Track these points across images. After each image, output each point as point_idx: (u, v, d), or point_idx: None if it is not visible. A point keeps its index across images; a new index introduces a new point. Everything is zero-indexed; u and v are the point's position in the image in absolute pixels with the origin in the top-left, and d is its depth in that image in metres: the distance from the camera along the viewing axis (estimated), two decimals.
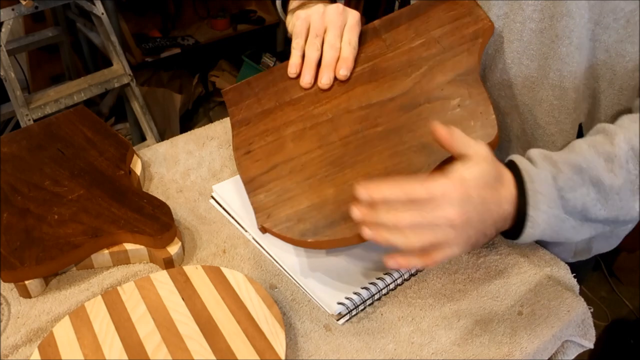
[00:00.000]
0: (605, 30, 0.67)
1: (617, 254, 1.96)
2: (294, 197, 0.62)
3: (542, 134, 0.76)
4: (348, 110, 0.67)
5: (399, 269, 0.71)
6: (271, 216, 0.62)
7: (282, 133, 0.69)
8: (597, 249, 0.87)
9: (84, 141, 0.86)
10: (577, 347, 0.72)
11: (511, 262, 0.75)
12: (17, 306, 0.69)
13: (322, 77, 0.71)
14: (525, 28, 0.70)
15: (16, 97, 1.68)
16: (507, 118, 0.78)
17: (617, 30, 0.66)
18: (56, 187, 0.77)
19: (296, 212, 0.61)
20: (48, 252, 0.69)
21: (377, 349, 0.64)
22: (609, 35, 0.67)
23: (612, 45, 0.67)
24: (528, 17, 0.70)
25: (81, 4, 1.81)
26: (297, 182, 0.63)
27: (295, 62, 0.73)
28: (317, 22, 0.72)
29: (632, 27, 0.65)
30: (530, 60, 0.72)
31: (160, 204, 0.76)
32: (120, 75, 1.91)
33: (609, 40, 0.67)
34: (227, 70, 2.58)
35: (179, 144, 0.95)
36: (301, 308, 0.69)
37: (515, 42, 0.72)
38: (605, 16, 0.66)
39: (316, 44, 0.72)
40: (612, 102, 0.72)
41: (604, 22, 0.66)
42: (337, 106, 0.68)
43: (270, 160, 0.67)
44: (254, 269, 0.73)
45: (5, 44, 1.61)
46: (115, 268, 0.73)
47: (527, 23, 0.70)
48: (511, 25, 0.72)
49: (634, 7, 0.64)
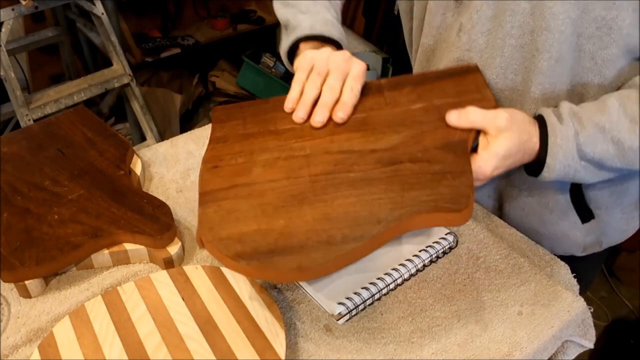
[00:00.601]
0: (589, 40, 0.68)
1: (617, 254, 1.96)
2: (242, 219, 0.60)
3: None
4: (327, 152, 0.66)
5: (403, 267, 0.71)
6: (212, 231, 0.60)
7: (254, 157, 0.68)
8: (608, 242, 0.88)
9: (84, 141, 0.86)
10: (577, 347, 0.72)
11: (511, 262, 0.75)
12: (17, 306, 0.69)
13: (316, 114, 0.70)
14: (505, 44, 0.72)
15: (16, 97, 1.68)
16: None
17: (600, 38, 0.67)
18: (56, 187, 0.77)
19: (239, 233, 0.59)
20: (48, 252, 0.69)
21: (377, 349, 0.64)
22: (593, 43, 0.68)
23: (597, 52, 0.69)
24: (507, 34, 0.71)
25: (81, 4, 1.81)
26: (252, 205, 0.61)
27: (293, 97, 0.72)
28: (321, 62, 0.72)
29: (615, 32, 0.66)
30: (515, 74, 0.74)
31: (160, 204, 0.76)
32: (120, 75, 1.91)
33: (593, 48, 0.68)
34: (227, 70, 2.58)
35: (179, 144, 0.95)
36: (301, 308, 0.69)
37: (498, 57, 0.74)
38: (587, 27, 0.67)
39: (316, 82, 0.71)
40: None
41: (586, 32, 0.67)
42: (317, 145, 0.67)
43: (233, 179, 0.65)
44: None
45: (5, 44, 1.61)
46: (115, 268, 0.73)
47: (507, 39, 0.72)
48: (493, 41, 0.73)
49: (614, 14, 0.65)
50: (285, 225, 0.58)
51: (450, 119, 0.66)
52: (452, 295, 0.70)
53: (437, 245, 0.75)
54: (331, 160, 0.65)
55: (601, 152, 0.65)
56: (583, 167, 0.67)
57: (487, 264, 0.74)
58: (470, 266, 0.74)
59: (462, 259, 0.75)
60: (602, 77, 0.70)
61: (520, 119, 0.65)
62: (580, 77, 0.71)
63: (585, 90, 0.72)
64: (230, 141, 0.70)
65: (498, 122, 0.64)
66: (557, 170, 0.66)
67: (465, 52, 0.77)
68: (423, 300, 0.70)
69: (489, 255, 0.75)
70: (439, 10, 0.78)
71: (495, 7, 0.71)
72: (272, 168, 0.65)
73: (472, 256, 0.75)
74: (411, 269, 0.72)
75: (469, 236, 0.78)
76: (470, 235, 0.78)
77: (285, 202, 0.61)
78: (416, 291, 0.71)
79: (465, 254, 0.76)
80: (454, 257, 0.75)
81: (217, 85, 2.53)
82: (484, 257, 0.75)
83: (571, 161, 0.66)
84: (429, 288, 0.71)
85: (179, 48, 2.40)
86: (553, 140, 0.65)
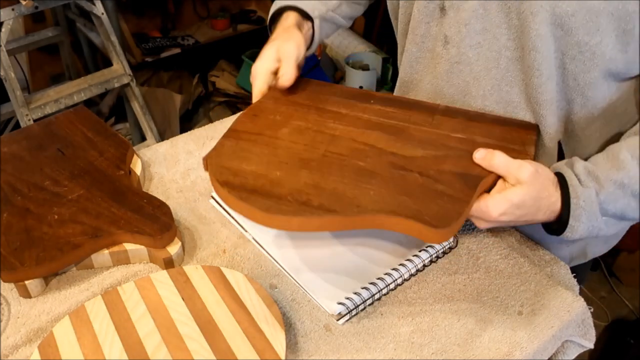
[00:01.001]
0: (572, 61, 0.68)
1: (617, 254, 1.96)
2: (248, 159, 0.66)
3: None
4: (353, 139, 0.71)
5: (403, 267, 0.71)
6: (219, 158, 0.67)
7: (290, 121, 0.74)
8: (594, 252, 0.88)
9: (84, 141, 0.86)
10: (577, 347, 0.72)
11: (511, 262, 0.75)
12: (17, 306, 0.69)
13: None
14: (501, 56, 0.72)
15: (16, 97, 1.68)
16: None
17: (583, 62, 0.67)
18: (56, 187, 0.77)
19: (238, 168, 0.65)
20: (48, 252, 0.69)
21: (377, 349, 0.64)
22: (576, 65, 0.68)
23: (579, 74, 0.68)
24: (503, 46, 0.71)
25: (81, 4, 1.81)
26: (263, 152, 0.68)
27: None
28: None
29: (598, 58, 0.66)
30: (510, 86, 0.74)
31: (160, 204, 0.76)
32: (120, 75, 1.91)
33: (576, 69, 0.68)
34: (227, 70, 2.58)
35: (179, 144, 0.95)
36: (301, 308, 0.69)
37: (493, 70, 0.73)
38: (570, 48, 0.67)
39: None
40: (586, 119, 0.73)
41: (570, 53, 0.67)
42: (348, 132, 0.72)
43: (262, 129, 0.72)
44: (254, 269, 0.73)
45: (5, 44, 1.61)
46: (115, 268, 0.73)
47: (503, 52, 0.72)
48: (487, 54, 0.73)
49: (597, 39, 0.65)
50: (278, 177, 0.64)
51: (476, 156, 0.66)
52: (452, 295, 0.70)
53: (437, 245, 0.75)
54: (352, 147, 0.69)
55: (622, 207, 0.65)
56: (605, 222, 0.66)
57: (487, 264, 0.74)
58: (470, 266, 0.74)
59: (462, 259, 0.75)
60: (585, 97, 0.70)
61: (544, 176, 0.64)
62: (565, 94, 0.71)
63: (570, 107, 0.72)
64: (280, 102, 0.78)
65: (521, 174, 0.62)
66: (580, 231, 0.65)
67: (454, 65, 0.76)
68: (423, 300, 0.70)
69: (489, 255, 0.75)
70: (423, 18, 0.78)
71: (484, 21, 0.71)
72: (299, 133, 0.72)
73: (472, 256, 0.75)
74: (411, 269, 0.72)
75: (469, 236, 0.78)
76: (470, 235, 0.78)
77: (290, 161, 0.67)
78: (416, 291, 0.71)
79: (465, 254, 0.76)
80: (454, 257, 0.75)
81: (217, 85, 2.53)
82: (484, 257, 0.75)
83: (595, 222, 0.65)
84: (429, 288, 0.71)
85: (179, 48, 2.40)
86: (576, 202, 0.64)
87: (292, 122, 0.73)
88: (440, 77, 0.79)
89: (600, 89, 0.69)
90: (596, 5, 0.62)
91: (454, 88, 0.79)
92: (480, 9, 0.71)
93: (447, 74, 0.78)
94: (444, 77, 0.79)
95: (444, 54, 0.77)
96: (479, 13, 0.71)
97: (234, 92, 2.51)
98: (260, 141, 0.70)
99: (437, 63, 0.79)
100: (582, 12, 0.63)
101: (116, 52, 1.89)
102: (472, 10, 0.71)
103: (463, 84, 0.77)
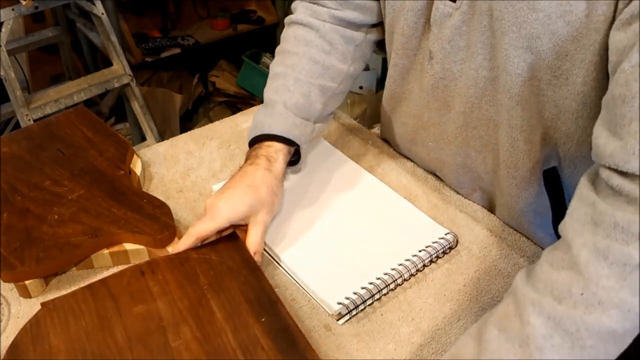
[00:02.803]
0: (548, 86, 0.65)
1: None
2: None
3: (514, 170, 0.75)
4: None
5: (403, 267, 0.71)
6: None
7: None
8: None
9: (84, 141, 0.86)
10: None
11: (511, 262, 0.75)
12: (17, 306, 0.69)
13: None
14: (478, 75, 0.71)
15: (16, 97, 1.68)
16: (480, 154, 0.79)
17: (559, 87, 0.64)
18: (56, 187, 0.77)
19: None
20: (48, 252, 0.69)
21: (377, 349, 0.64)
22: (554, 90, 0.65)
23: (559, 100, 0.66)
24: (480, 65, 0.70)
25: (81, 4, 1.81)
26: None
27: None
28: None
29: (572, 85, 0.63)
30: (489, 104, 0.73)
31: (160, 204, 0.76)
32: (120, 75, 1.91)
33: (555, 95, 0.66)
34: (227, 70, 2.58)
35: (179, 144, 0.95)
36: (301, 308, 0.69)
37: (472, 88, 0.73)
38: (544, 72, 0.64)
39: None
40: (572, 154, 0.71)
41: (544, 78, 0.65)
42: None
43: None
44: None
45: (5, 44, 1.61)
46: (115, 268, 0.73)
47: (480, 71, 0.71)
48: (468, 71, 0.72)
49: (568, 65, 0.62)
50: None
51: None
52: (452, 295, 0.70)
53: (437, 245, 0.75)
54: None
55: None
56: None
57: (487, 264, 0.74)
58: (470, 266, 0.74)
59: (462, 259, 0.75)
60: (568, 125, 0.68)
61: None
62: (549, 121, 0.68)
63: (555, 137, 0.70)
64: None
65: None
66: None
67: (439, 80, 0.76)
68: (423, 300, 0.70)
69: (489, 255, 0.75)
70: (407, 31, 0.77)
71: (467, 38, 0.70)
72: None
73: (472, 256, 0.75)
74: (411, 269, 0.72)
75: (469, 236, 0.78)
76: (470, 235, 0.78)
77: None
78: (416, 291, 0.71)
79: (465, 254, 0.76)
80: (454, 257, 0.75)
81: (217, 85, 2.53)
82: (484, 257, 0.75)
83: None
84: (429, 288, 0.71)
85: (179, 48, 2.40)
86: None
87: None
88: (427, 90, 0.79)
89: (579, 123, 0.66)
90: (559, 30, 0.60)
91: (439, 102, 0.79)
92: (463, 26, 0.70)
93: (432, 88, 0.78)
94: (429, 91, 0.79)
95: (429, 68, 0.76)
96: (462, 30, 0.70)
97: (234, 92, 2.51)
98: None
99: (424, 77, 0.79)
100: (546, 35, 0.61)
101: (116, 52, 1.89)
102: (456, 27, 0.70)
103: (448, 98, 0.77)
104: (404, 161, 0.92)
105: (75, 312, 0.62)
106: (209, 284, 0.65)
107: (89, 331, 0.60)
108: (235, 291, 0.64)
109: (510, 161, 0.74)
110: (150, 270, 0.66)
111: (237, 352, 0.58)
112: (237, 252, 0.69)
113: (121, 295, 0.64)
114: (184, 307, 0.62)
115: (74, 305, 0.63)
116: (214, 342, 0.59)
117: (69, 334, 0.60)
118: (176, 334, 0.60)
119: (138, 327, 0.60)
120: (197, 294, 0.64)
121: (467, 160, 0.81)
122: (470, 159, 0.81)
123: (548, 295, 0.52)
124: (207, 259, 0.68)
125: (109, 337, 0.60)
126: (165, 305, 0.62)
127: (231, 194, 0.72)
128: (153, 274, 0.66)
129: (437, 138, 0.83)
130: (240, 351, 0.58)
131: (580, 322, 0.49)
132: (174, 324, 0.61)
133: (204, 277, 0.65)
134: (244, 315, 0.61)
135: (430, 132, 0.83)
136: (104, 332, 0.60)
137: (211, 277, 0.66)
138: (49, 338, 0.60)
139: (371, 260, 0.73)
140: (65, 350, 0.58)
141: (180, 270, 0.66)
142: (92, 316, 0.62)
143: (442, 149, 0.83)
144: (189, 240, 0.69)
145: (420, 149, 0.88)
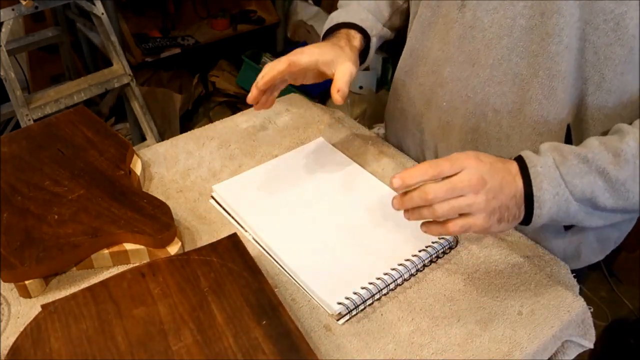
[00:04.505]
0: (594, 31, 0.66)
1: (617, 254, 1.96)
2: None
3: (531, 133, 0.76)
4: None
5: (403, 267, 0.71)
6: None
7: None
8: (588, 257, 0.86)
9: (84, 141, 0.86)
10: (577, 347, 0.72)
11: (511, 262, 0.75)
12: (17, 306, 0.69)
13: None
14: (515, 24, 0.70)
15: (16, 97, 1.68)
16: (497, 115, 0.78)
17: (606, 33, 0.65)
18: (56, 187, 0.77)
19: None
20: (48, 252, 0.69)
21: (377, 349, 0.64)
22: (598, 36, 0.66)
23: (600, 47, 0.67)
24: (519, 13, 0.69)
25: (81, 4, 1.81)
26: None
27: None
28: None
29: (622, 30, 0.65)
30: (520, 57, 0.72)
31: (160, 204, 0.76)
32: (120, 75, 1.91)
33: (598, 42, 0.67)
34: (227, 70, 2.58)
35: (179, 144, 0.95)
36: (301, 308, 0.69)
37: (505, 38, 0.72)
38: (595, 16, 0.65)
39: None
40: (599, 104, 0.71)
41: (594, 22, 0.65)
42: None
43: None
44: None
45: (5, 44, 1.61)
46: (115, 268, 0.73)
47: (518, 19, 0.70)
48: (501, 20, 0.71)
49: (623, 9, 0.63)
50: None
51: (395, 184, 0.62)
52: (452, 295, 0.70)
53: (437, 245, 0.75)
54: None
55: (590, 185, 0.63)
56: (579, 207, 0.64)
57: (487, 263, 0.74)
58: (470, 266, 0.74)
59: (462, 259, 0.75)
60: (602, 76, 0.69)
61: (490, 156, 0.64)
62: (582, 71, 0.70)
63: (585, 86, 0.71)
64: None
65: (460, 159, 0.62)
66: (548, 202, 0.63)
67: (468, 30, 0.75)
68: (423, 300, 0.70)
69: (489, 255, 0.75)
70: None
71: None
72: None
73: (472, 256, 0.75)
74: (411, 269, 0.72)
75: (469, 236, 0.78)
76: (470, 235, 0.78)
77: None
78: (416, 291, 0.71)
79: (465, 254, 0.76)
80: (454, 257, 0.75)
81: (217, 85, 2.53)
82: (484, 257, 0.75)
83: (559, 188, 0.63)
84: (429, 288, 0.71)
85: (179, 48, 2.40)
86: (534, 171, 0.63)
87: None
88: (452, 43, 0.78)
89: (619, 71, 0.68)
90: None
91: (464, 55, 0.78)
92: None
93: (460, 39, 0.77)
94: (455, 43, 0.78)
95: (458, 17, 0.76)
96: None
97: (234, 92, 2.51)
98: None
99: (450, 28, 0.77)
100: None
101: (116, 52, 1.89)
102: None
103: (474, 51, 0.76)
104: (404, 161, 0.92)
105: (76, 315, 0.62)
106: (210, 287, 0.65)
107: (89, 335, 0.60)
108: (236, 294, 0.64)
109: (539, 116, 0.74)
110: (151, 272, 0.66)
111: (238, 357, 0.58)
112: (238, 254, 0.69)
113: (122, 297, 0.64)
114: (185, 310, 0.62)
115: (74, 307, 0.63)
116: (215, 346, 0.59)
117: (70, 338, 0.60)
118: (177, 337, 0.60)
119: (139, 331, 0.60)
120: (197, 297, 0.64)
121: (481, 122, 0.80)
122: (484, 120, 0.79)
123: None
124: (208, 260, 0.68)
125: (110, 340, 0.59)
126: (166, 309, 0.62)
127: (317, 46, 0.78)
128: (153, 276, 0.66)
129: (454, 97, 0.81)
130: (241, 355, 0.58)
131: None
132: (174, 327, 0.61)
133: (205, 280, 0.65)
134: (244, 319, 0.61)
135: (448, 90, 0.82)
136: (105, 335, 0.60)
137: (212, 280, 0.65)
138: (50, 342, 0.60)
139: (371, 260, 0.73)
140: (66, 354, 0.58)
141: (181, 272, 0.66)
142: (93, 319, 0.62)
143: (456, 110, 0.82)
144: (280, 65, 0.73)
145: (432, 113, 0.86)
